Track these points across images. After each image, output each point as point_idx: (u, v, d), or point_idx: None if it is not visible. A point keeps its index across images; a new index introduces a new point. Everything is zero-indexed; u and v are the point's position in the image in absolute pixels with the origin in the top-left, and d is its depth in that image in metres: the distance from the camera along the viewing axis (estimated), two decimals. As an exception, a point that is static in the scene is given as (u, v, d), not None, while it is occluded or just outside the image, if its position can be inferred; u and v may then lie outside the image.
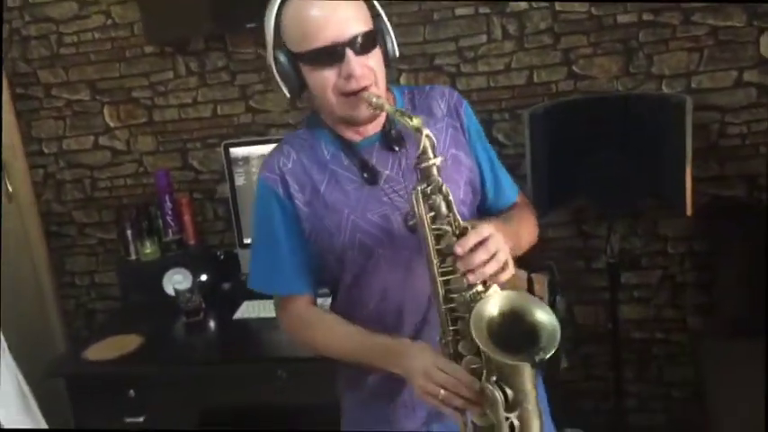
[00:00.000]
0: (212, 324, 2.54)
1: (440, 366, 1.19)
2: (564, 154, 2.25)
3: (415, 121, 1.19)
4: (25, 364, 1.84)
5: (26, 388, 1.90)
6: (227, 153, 2.63)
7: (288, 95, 1.34)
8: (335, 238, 1.36)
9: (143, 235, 2.73)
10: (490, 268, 1.16)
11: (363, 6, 1.30)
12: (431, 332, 1.32)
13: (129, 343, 2.42)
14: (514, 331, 1.14)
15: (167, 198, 2.73)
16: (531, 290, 2.18)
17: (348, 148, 1.37)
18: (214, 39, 2.74)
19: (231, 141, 2.65)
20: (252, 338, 2.45)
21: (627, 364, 2.71)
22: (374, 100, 1.26)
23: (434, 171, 1.20)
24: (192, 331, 2.51)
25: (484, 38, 2.54)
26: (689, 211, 2.14)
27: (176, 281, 2.64)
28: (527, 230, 1.45)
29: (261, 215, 1.42)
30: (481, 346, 1.13)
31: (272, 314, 2.40)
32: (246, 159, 2.63)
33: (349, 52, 1.25)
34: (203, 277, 2.67)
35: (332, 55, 1.25)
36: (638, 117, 2.22)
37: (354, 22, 1.26)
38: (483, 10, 2.52)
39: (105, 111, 2.90)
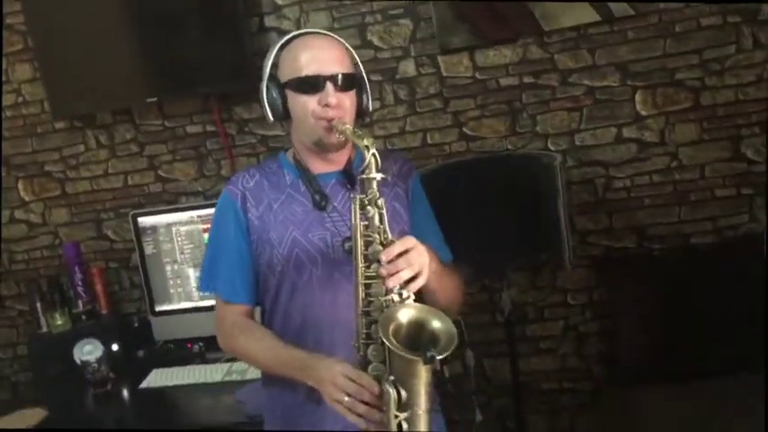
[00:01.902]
0: (120, 394, 2.55)
1: (345, 374, 1.32)
2: (452, 214, 2.30)
3: (366, 140, 1.35)
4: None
5: None
6: (135, 223, 2.68)
7: (271, 120, 1.55)
8: (276, 250, 1.53)
9: (54, 307, 2.75)
10: (405, 274, 1.30)
11: (348, 55, 1.56)
12: (348, 352, 1.41)
13: (33, 417, 2.42)
14: (417, 337, 1.28)
15: (77, 269, 2.76)
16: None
17: (308, 176, 1.56)
18: (121, 112, 2.82)
19: (139, 211, 2.71)
20: (158, 407, 2.45)
21: (539, 414, 2.76)
22: (340, 126, 1.46)
23: (374, 185, 1.35)
24: (99, 402, 2.51)
25: (377, 104, 2.64)
26: (568, 266, 2.22)
27: (87, 351, 2.64)
28: (451, 282, 1.59)
29: (217, 223, 1.62)
30: (380, 335, 1.25)
31: (181, 382, 2.49)
32: (154, 228, 2.68)
33: (329, 85, 1.48)
34: (114, 347, 2.69)
35: (314, 84, 1.48)
36: (516, 176, 2.31)
37: (338, 64, 1.51)
38: (375, 77, 2.62)
39: (20, 185, 2.96)
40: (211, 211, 2.50)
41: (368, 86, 1.58)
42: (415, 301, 1.33)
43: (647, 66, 2.46)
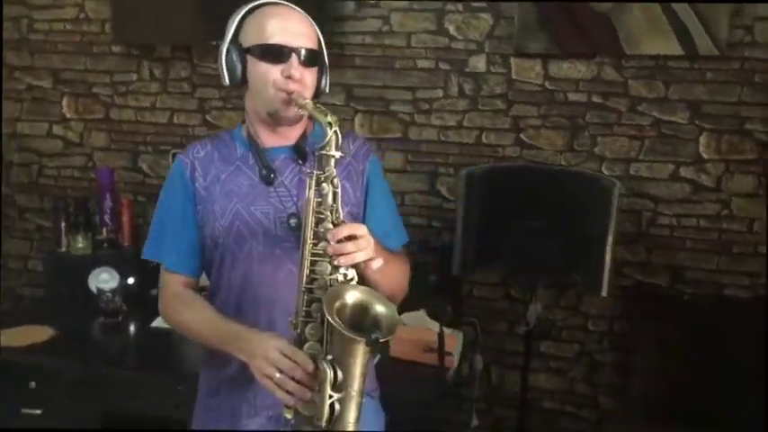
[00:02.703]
0: (129, 328, 2.53)
1: (280, 350, 1.30)
2: (495, 217, 2.29)
3: (329, 117, 1.32)
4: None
5: None
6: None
7: (227, 83, 1.49)
8: (218, 222, 1.50)
9: (78, 229, 2.73)
10: (360, 256, 1.30)
11: (314, 31, 1.50)
12: (286, 329, 1.38)
13: (40, 333, 2.41)
14: (359, 318, 1.27)
15: (108, 196, 2.73)
16: (441, 343, 2.23)
17: (257, 149, 1.52)
18: (181, 49, 2.78)
19: (181, 152, 2.67)
20: (164, 349, 2.44)
21: None
22: (300, 100, 1.42)
23: (332, 163, 1.33)
24: (107, 332, 2.50)
25: (440, 92, 2.61)
26: (604, 293, 2.19)
27: (102, 279, 2.63)
28: (396, 270, 1.53)
29: (166, 192, 1.59)
30: (326, 315, 1.23)
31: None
32: (192, 171, 2.64)
33: (294, 57, 1.43)
34: (130, 280, 2.67)
35: (280, 54, 1.43)
36: (569, 193, 2.27)
37: (306, 38, 1.46)
38: (443, 66, 2.59)
39: (64, 101, 2.92)
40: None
41: (328, 67, 1.53)
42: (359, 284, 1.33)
43: (719, 109, 2.42)
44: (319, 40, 1.51)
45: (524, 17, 2.45)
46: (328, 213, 1.33)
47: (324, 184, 1.33)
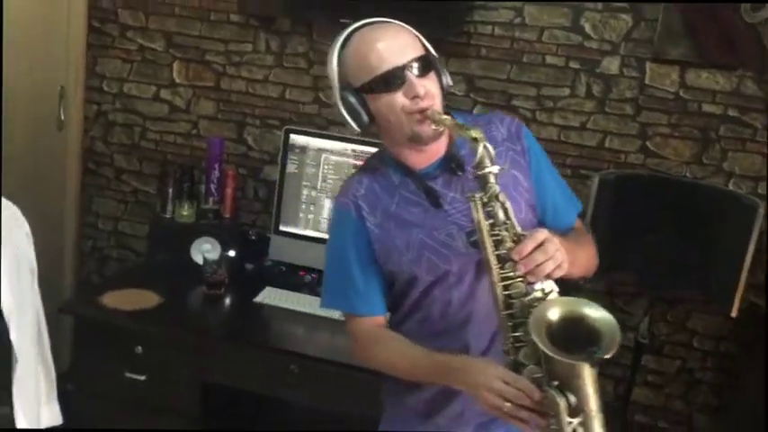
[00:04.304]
0: (230, 301, 2.51)
1: (502, 378, 1.24)
2: (623, 225, 2.24)
3: (473, 133, 1.28)
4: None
5: (43, 320, 1.88)
6: (286, 138, 2.61)
7: (358, 131, 1.43)
8: (404, 256, 1.44)
9: (182, 196, 2.71)
10: (548, 267, 1.22)
11: (414, 35, 1.41)
12: (499, 345, 1.33)
13: (147, 299, 2.39)
14: (574, 333, 1.17)
15: (216, 166, 2.70)
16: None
17: (413, 175, 1.46)
18: (301, 23, 2.73)
19: (294, 128, 2.64)
20: (268, 325, 2.44)
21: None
22: (437, 116, 1.35)
23: (491, 179, 1.27)
24: (211, 303, 2.48)
25: (567, 91, 2.54)
26: (734, 313, 2.13)
27: (205, 249, 2.62)
28: (584, 251, 1.47)
29: (335, 237, 1.53)
30: (540, 346, 1.16)
31: (291, 305, 2.44)
32: (303, 149, 2.61)
33: (410, 75, 1.35)
34: (231, 253, 2.64)
35: (395, 79, 1.35)
36: (704, 208, 2.21)
37: (410, 48, 1.37)
38: (573, 65, 2.52)
39: (175, 66, 2.89)
40: (366, 149, 2.47)
41: (439, 61, 1.42)
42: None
43: None
44: (421, 40, 1.42)
45: (668, 21, 2.37)
46: (505, 233, 1.27)
47: (491, 204, 1.27)
